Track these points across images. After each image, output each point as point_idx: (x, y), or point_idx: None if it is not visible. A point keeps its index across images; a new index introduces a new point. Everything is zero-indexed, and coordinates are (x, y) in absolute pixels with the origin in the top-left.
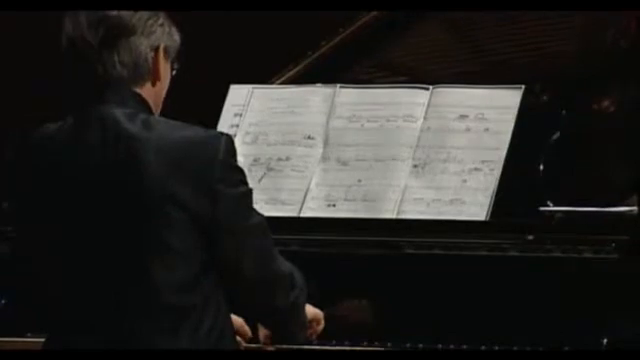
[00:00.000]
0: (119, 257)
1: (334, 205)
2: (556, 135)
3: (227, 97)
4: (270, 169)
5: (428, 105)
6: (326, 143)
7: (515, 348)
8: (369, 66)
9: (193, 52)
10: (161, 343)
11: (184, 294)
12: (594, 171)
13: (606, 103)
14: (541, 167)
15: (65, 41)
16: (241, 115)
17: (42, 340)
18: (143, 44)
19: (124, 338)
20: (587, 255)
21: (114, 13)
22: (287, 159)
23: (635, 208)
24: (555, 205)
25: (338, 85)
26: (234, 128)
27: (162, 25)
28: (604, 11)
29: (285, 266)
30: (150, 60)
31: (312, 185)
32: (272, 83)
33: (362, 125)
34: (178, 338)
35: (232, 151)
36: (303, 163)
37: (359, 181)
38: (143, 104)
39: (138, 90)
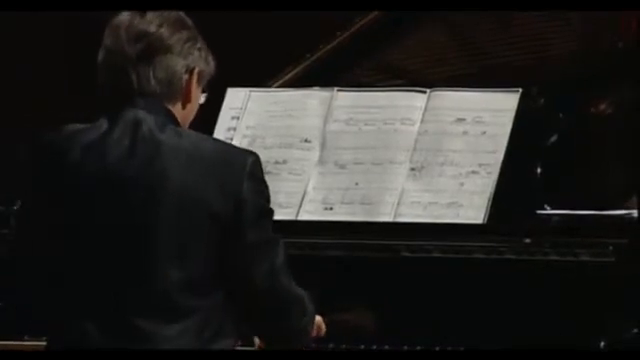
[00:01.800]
0: (135, 253)
1: (331, 208)
2: (553, 138)
3: (224, 100)
4: (267, 172)
5: (425, 108)
6: (323, 146)
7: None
8: (366, 69)
9: None
10: (163, 342)
11: (193, 296)
12: (591, 174)
13: (604, 106)
14: (538, 170)
15: (104, 52)
16: (238, 118)
17: (39, 343)
18: (179, 64)
19: (128, 334)
20: (584, 258)
21: (154, 30)
22: (284, 162)
23: (632, 211)
24: (552, 208)
25: (335, 88)
26: (231, 131)
27: (199, 50)
28: (604, 12)
29: (299, 290)
30: (184, 81)
31: (309, 188)
32: (269, 86)
33: (359, 128)
34: (181, 338)
35: (260, 167)
36: (300, 166)
37: (356, 184)
38: (171, 117)
39: (169, 107)
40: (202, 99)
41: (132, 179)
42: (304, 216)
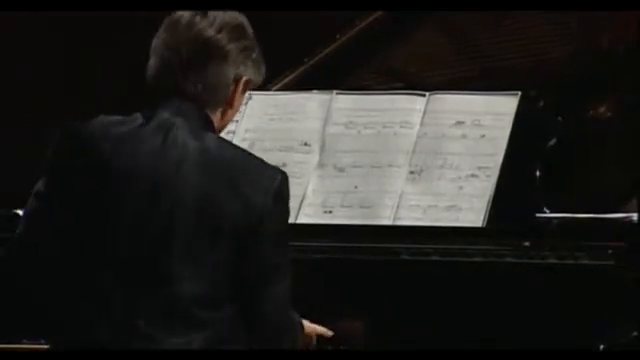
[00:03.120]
0: (152, 257)
1: (330, 211)
2: (553, 141)
3: None
4: None
5: (425, 111)
6: (322, 149)
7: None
8: (366, 72)
9: None
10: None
11: (205, 307)
12: (591, 177)
13: (603, 108)
14: (538, 173)
15: (158, 45)
16: (237, 121)
17: (38, 347)
18: (230, 73)
19: (136, 341)
20: (584, 261)
21: (212, 34)
22: (283, 165)
23: (631, 214)
24: (552, 211)
25: (334, 91)
26: (230, 134)
27: (254, 60)
28: (603, 13)
29: (296, 317)
30: (230, 89)
31: (308, 191)
32: (269, 89)
33: (358, 131)
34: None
35: (285, 187)
36: (299, 169)
37: (355, 187)
38: (209, 124)
39: (208, 112)
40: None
41: (158, 181)
42: (303, 219)
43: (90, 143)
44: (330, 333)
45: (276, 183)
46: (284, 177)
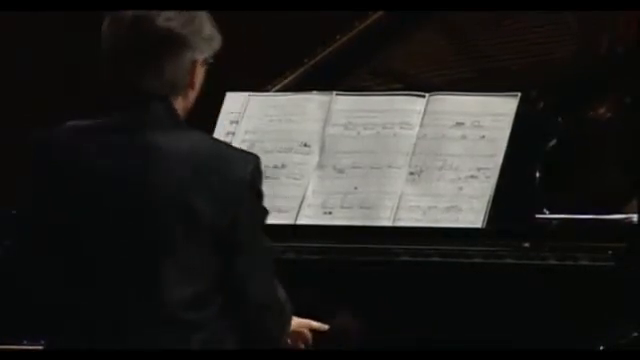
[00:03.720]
0: (132, 267)
1: (330, 212)
2: (552, 142)
3: (223, 104)
4: (266, 176)
5: (424, 112)
6: (322, 150)
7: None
8: (365, 73)
9: None
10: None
11: (194, 310)
12: (591, 178)
13: (603, 109)
14: (537, 174)
15: (108, 47)
16: (237, 122)
17: (38, 347)
18: (186, 59)
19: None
20: (584, 262)
21: (161, 25)
22: (283, 166)
23: (631, 215)
24: (551, 212)
25: (334, 92)
26: (230, 135)
27: (205, 38)
28: (603, 13)
29: (282, 293)
30: (188, 73)
31: (308, 192)
32: (268, 90)
33: (358, 132)
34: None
35: (259, 174)
36: (299, 170)
37: (355, 188)
38: (175, 116)
39: (172, 100)
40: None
41: (131, 183)
42: (303, 220)
43: (60, 150)
44: (325, 327)
45: (249, 174)
46: (256, 164)
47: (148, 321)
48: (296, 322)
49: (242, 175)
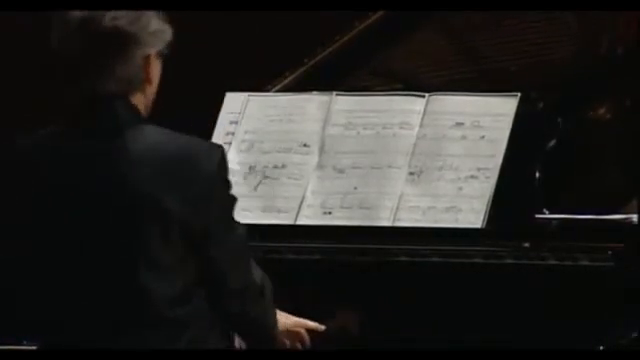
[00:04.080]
0: (111, 271)
1: (330, 213)
2: (552, 142)
3: (223, 105)
4: (266, 177)
5: (424, 113)
6: (322, 151)
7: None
8: (365, 73)
9: (189, 59)
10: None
11: (178, 307)
12: (590, 178)
13: (603, 110)
14: (537, 174)
15: (53, 52)
16: (237, 123)
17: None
18: (136, 56)
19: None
20: (583, 263)
21: (108, 24)
22: (283, 167)
23: (631, 216)
24: (551, 212)
25: (334, 92)
26: (230, 136)
27: (154, 32)
28: (603, 14)
29: (258, 274)
30: (142, 69)
31: (308, 193)
32: (268, 90)
33: (358, 133)
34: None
35: (225, 163)
36: (299, 171)
37: (355, 189)
38: (135, 114)
39: (129, 97)
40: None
41: (97, 194)
42: (303, 220)
43: (26, 162)
44: (322, 328)
45: (214, 165)
46: (220, 153)
47: (135, 322)
48: (292, 322)
49: (209, 168)
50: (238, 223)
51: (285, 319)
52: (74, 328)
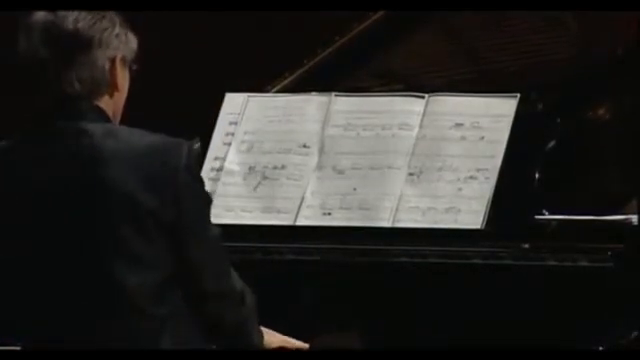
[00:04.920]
0: (89, 268)
1: (329, 213)
2: (552, 143)
3: (222, 105)
4: (265, 177)
5: (424, 113)
6: (321, 151)
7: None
8: (364, 74)
9: (189, 60)
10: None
11: (156, 304)
12: (590, 179)
13: (602, 111)
14: (537, 175)
15: (19, 56)
16: (236, 123)
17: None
18: (100, 57)
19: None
20: (583, 264)
21: (70, 27)
22: (282, 167)
23: (631, 216)
24: (551, 213)
25: (333, 93)
26: (229, 136)
27: (118, 35)
28: (603, 15)
29: (238, 282)
30: (107, 72)
31: (307, 193)
32: (268, 91)
33: (357, 133)
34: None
35: (192, 159)
36: (298, 171)
37: (354, 189)
38: (102, 115)
39: (96, 102)
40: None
41: (71, 195)
42: (302, 221)
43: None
44: (306, 346)
45: (183, 159)
46: (189, 147)
47: (114, 317)
48: (278, 339)
49: (177, 162)
50: (212, 224)
51: (271, 337)
52: (52, 325)
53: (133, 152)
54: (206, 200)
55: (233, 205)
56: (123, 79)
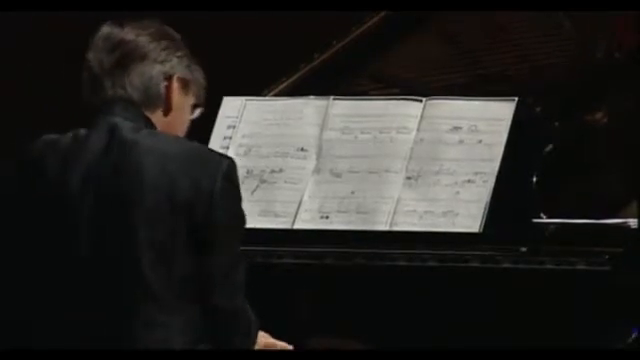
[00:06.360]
0: (117, 261)
1: (327, 217)
2: (549, 147)
3: (220, 109)
4: (263, 181)
5: (421, 117)
6: (319, 155)
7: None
8: (362, 78)
9: None
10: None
11: (177, 297)
12: (587, 183)
13: (600, 114)
14: (534, 179)
15: (85, 65)
16: (234, 127)
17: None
18: (155, 70)
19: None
20: (580, 267)
21: (131, 38)
22: (280, 171)
23: (628, 220)
24: (548, 217)
25: (331, 97)
26: (227, 140)
27: (179, 57)
28: (601, 19)
29: (251, 314)
30: (162, 87)
31: (305, 197)
32: (265, 95)
33: (355, 137)
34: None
35: (236, 172)
36: (296, 175)
37: (352, 193)
38: (150, 124)
39: (148, 114)
40: (196, 113)
41: (109, 182)
42: (300, 225)
43: (37, 166)
44: (290, 347)
45: (224, 168)
46: (231, 162)
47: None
48: (261, 343)
49: (218, 165)
50: (239, 245)
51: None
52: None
53: (174, 153)
54: (240, 220)
55: None
56: (180, 101)
